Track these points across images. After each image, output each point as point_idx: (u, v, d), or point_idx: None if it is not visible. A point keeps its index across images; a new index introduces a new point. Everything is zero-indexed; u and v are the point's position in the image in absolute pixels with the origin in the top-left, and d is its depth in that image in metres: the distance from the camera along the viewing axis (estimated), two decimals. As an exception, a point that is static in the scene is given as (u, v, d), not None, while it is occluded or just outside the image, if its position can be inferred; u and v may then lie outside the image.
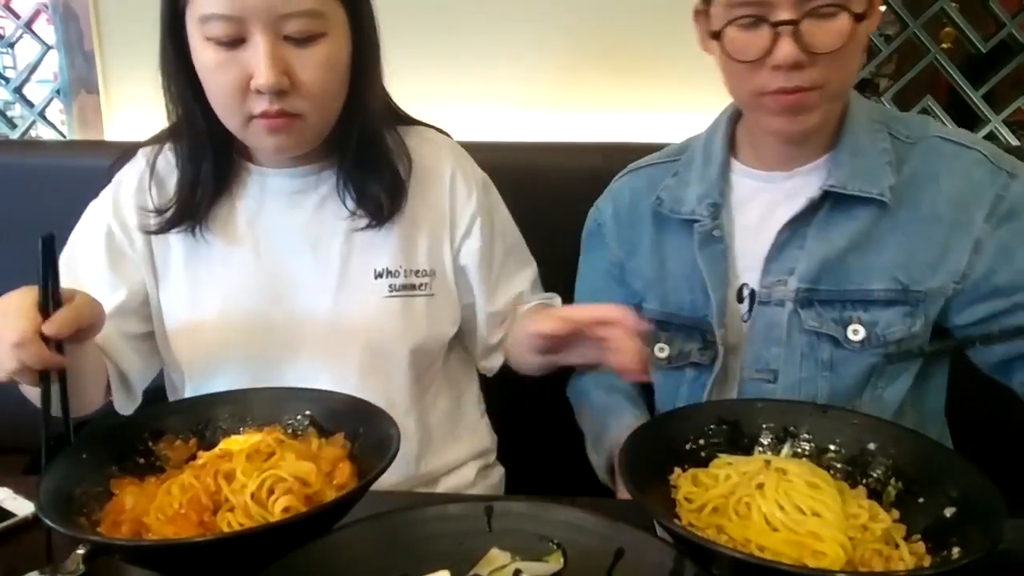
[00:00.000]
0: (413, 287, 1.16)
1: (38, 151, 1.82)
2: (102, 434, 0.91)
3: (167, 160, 1.15)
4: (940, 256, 1.04)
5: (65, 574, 0.81)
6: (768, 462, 0.83)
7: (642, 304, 1.21)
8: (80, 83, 1.93)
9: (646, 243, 1.21)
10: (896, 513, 0.81)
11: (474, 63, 1.79)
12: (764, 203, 1.12)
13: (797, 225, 1.08)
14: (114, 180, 1.18)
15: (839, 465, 0.87)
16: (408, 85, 1.19)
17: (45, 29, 1.98)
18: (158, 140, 1.17)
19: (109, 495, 0.86)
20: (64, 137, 2.01)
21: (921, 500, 0.81)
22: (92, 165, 1.66)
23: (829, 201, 1.06)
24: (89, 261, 1.14)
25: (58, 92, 1.99)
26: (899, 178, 1.05)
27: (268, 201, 1.14)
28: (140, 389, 1.17)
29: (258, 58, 0.96)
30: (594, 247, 1.29)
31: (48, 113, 2.04)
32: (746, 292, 1.12)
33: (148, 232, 1.13)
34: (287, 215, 1.14)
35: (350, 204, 1.13)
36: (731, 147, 1.17)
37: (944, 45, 1.86)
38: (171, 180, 1.14)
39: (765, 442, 0.90)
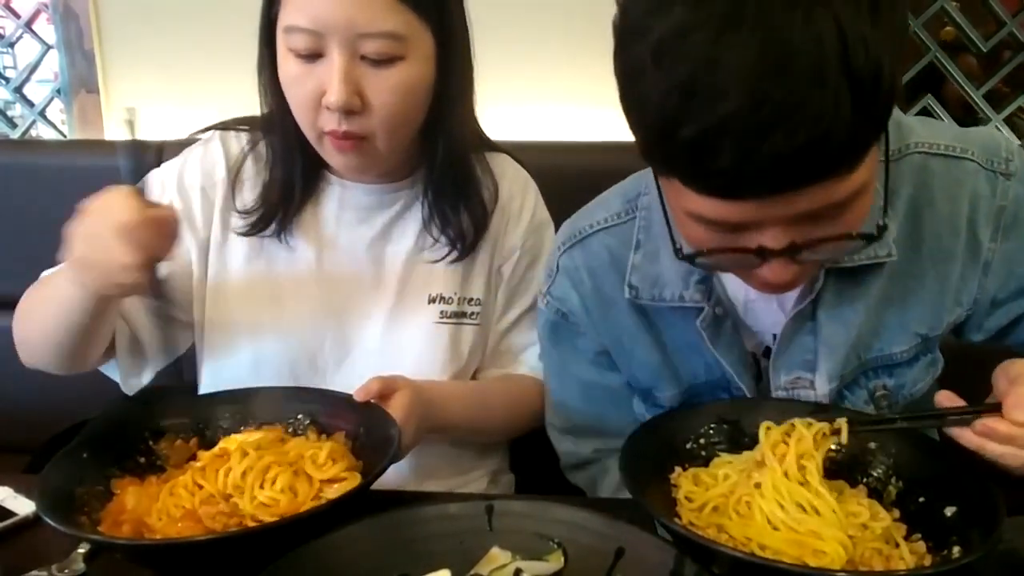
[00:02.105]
0: (464, 315, 1.16)
1: (38, 151, 1.82)
2: (103, 433, 0.92)
3: (254, 157, 1.14)
4: (956, 293, 0.94)
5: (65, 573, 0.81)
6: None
7: (653, 392, 1.02)
8: (80, 82, 1.93)
9: (635, 332, 1.00)
10: (896, 512, 0.81)
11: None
12: None
13: (802, 308, 0.92)
14: (182, 157, 1.16)
15: (840, 464, 0.86)
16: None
17: (45, 29, 1.98)
18: (242, 127, 1.16)
19: (110, 494, 0.86)
20: (64, 137, 2.01)
21: (921, 499, 0.81)
22: (92, 165, 1.67)
23: (833, 274, 0.91)
24: None
25: (58, 92, 1.99)
26: (896, 221, 0.90)
27: (342, 213, 1.14)
28: (152, 366, 1.13)
29: (331, 75, 0.96)
30: (567, 338, 1.06)
31: (48, 113, 2.04)
32: (751, 360, 0.98)
33: (236, 232, 1.12)
34: (356, 229, 1.14)
35: (430, 230, 1.13)
36: None
37: (944, 44, 1.86)
38: (254, 179, 1.13)
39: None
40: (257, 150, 1.14)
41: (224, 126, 1.18)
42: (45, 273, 1.10)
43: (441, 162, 1.09)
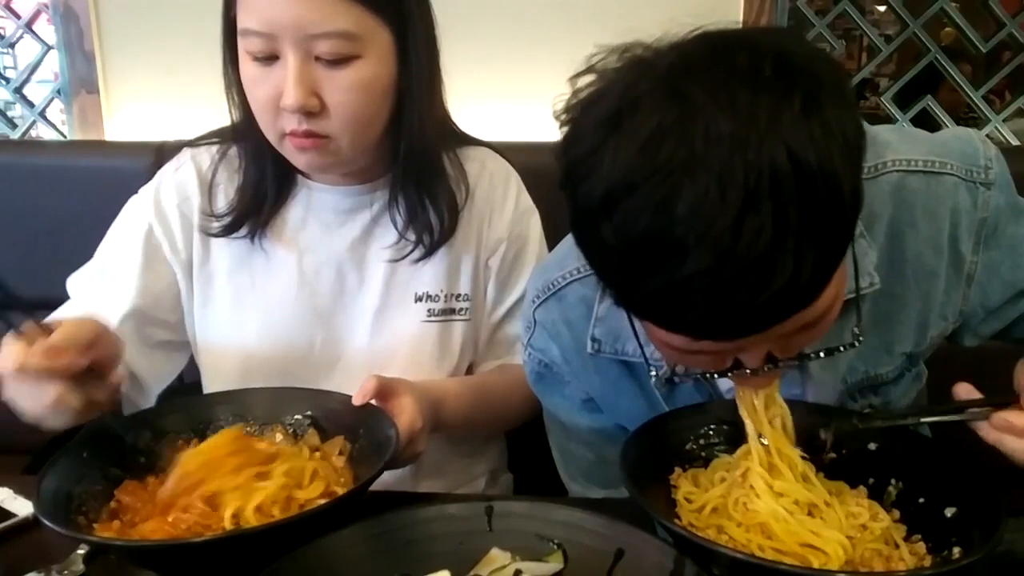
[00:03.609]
0: (452, 311, 1.15)
1: (38, 151, 1.82)
2: (103, 433, 0.91)
3: (225, 164, 1.14)
4: (940, 308, 0.92)
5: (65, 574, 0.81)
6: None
7: None
8: (80, 83, 1.93)
9: (618, 380, 0.98)
10: (896, 513, 0.81)
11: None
12: None
13: None
14: (156, 179, 1.16)
15: (840, 465, 0.86)
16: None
17: (45, 29, 1.98)
18: (211, 140, 1.16)
19: (109, 494, 0.86)
20: (64, 137, 2.01)
21: (921, 500, 0.81)
22: (92, 165, 1.67)
23: None
24: (122, 260, 1.12)
25: (58, 92, 1.99)
26: (877, 244, 0.87)
27: (314, 217, 1.13)
28: (154, 393, 1.14)
29: (286, 77, 0.95)
30: (553, 387, 1.04)
31: (48, 113, 2.04)
32: None
33: (209, 234, 1.12)
34: (335, 233, 1.13)
35: (400, 227, 1.11)
36: None
37: (944, 45, 1.86)
38: (228, 184, 1.13)
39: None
40: (228, 156, 1.14)
41: (193, 143, 1.18)
42: None
43: (404, 159, 1.08)
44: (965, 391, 0.79)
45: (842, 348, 0.80)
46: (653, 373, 0.89)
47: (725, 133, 0.58)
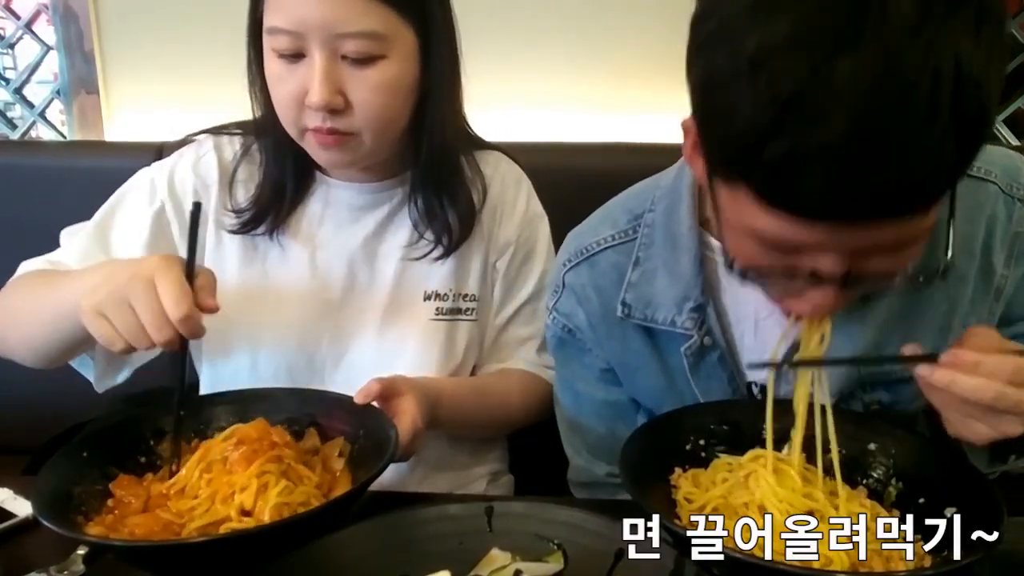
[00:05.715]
0: (459, 311, 1.16)
1: (38, 151, 1.83)
2: (103, 433, 0.91)
3: (247, 161, 1.15)
4: (964, 317, 0.92)
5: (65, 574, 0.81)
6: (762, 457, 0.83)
7: (655, 413, 1.00)
8: (80, 83, 1.93)
9: (640, 353, 0.98)
10: (897, 513, 0.81)
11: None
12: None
13: None
14: (173, 159, 1.16)
15: (840, 465, 0.86)
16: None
17: (45, 30, 1.98)
18: (234, 131, 1.16)
19: (109, 494, 0.85)
20: (64, 137, 2.01)
21: (921, 500, 0.81)
22: (92, 165, 1.67)
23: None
24: (127, 232, 1.12)
25: (58, 92, 1.99)
26: None
27: (331, 212, 1.14)
28: (129, 367, 1.11)
29: (312, 75, 0.96)
30: (574, 355, 1.05)
31: (48, 114, 2.04)
32: (756, 390, 0.97)
33: (225, 230, 1.13)
34: (348, 229, 1.14)
35: (420, 228, 1.13)
36: (700, 219, 0.93)
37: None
38: (248, 181, 1.14)
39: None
40: (250, 153, 1.15)
41: (217, 130, 1.18)
42: (27, 266, 1.10)
43: (425, 160, 1.09)
44: (911, 349, 0.77)
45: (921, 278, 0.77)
46: (687, 343, 0.90)
47: (903, 14, 0.58)
